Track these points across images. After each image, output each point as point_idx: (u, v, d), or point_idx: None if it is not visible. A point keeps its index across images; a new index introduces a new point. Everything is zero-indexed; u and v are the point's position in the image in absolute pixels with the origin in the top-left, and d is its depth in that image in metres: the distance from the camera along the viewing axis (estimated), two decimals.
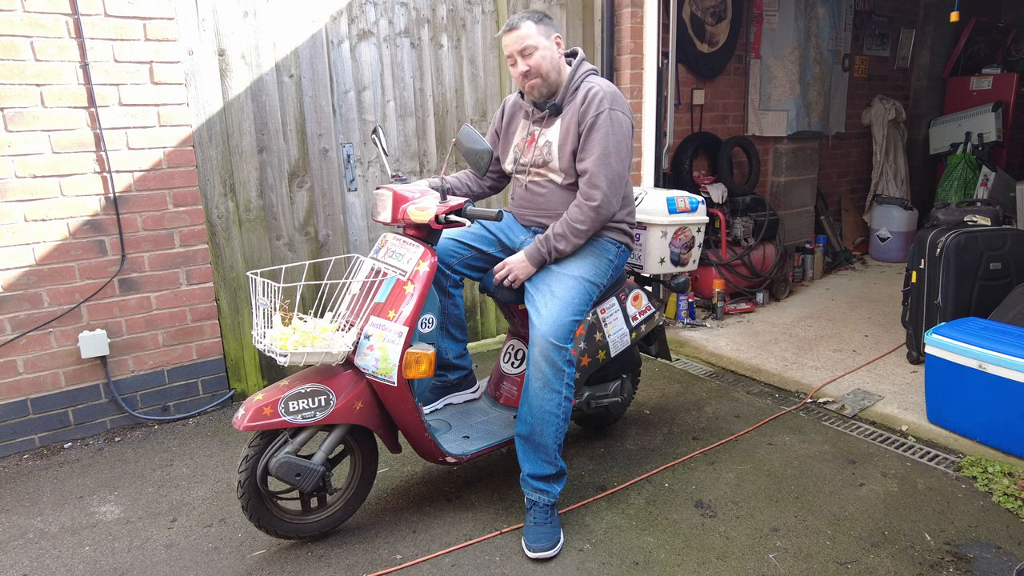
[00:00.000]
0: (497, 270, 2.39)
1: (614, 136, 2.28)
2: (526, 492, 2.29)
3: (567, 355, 2.24)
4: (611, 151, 2.27)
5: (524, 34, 2.29)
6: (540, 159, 2.42)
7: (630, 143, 2.36)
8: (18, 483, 2.74)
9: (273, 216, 3.42)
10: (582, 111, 2.31)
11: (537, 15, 2.33)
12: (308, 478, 2.10)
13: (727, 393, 3.46)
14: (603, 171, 2.27)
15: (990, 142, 6.02)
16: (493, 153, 2.23)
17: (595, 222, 2.30)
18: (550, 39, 2.33)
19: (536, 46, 2.29)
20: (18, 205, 2.82)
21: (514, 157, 2.53)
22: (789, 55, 5.15)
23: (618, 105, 2.30)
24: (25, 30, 2.73)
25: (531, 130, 2.47)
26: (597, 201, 2.27)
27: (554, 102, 2.38)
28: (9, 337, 2.88)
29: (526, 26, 2.30)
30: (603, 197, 2.27)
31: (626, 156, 2.34)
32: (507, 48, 2.34)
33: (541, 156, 2.42)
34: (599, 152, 2.27)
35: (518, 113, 2.56)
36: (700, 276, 4.74)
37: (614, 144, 2.28)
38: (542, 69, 2.31)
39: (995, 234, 3.50)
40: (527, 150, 2.47)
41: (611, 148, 2.27)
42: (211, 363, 3.33)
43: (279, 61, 3.30)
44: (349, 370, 2.16)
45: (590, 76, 2.39)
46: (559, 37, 2.36)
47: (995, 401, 2.73)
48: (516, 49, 2.31)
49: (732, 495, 2.53)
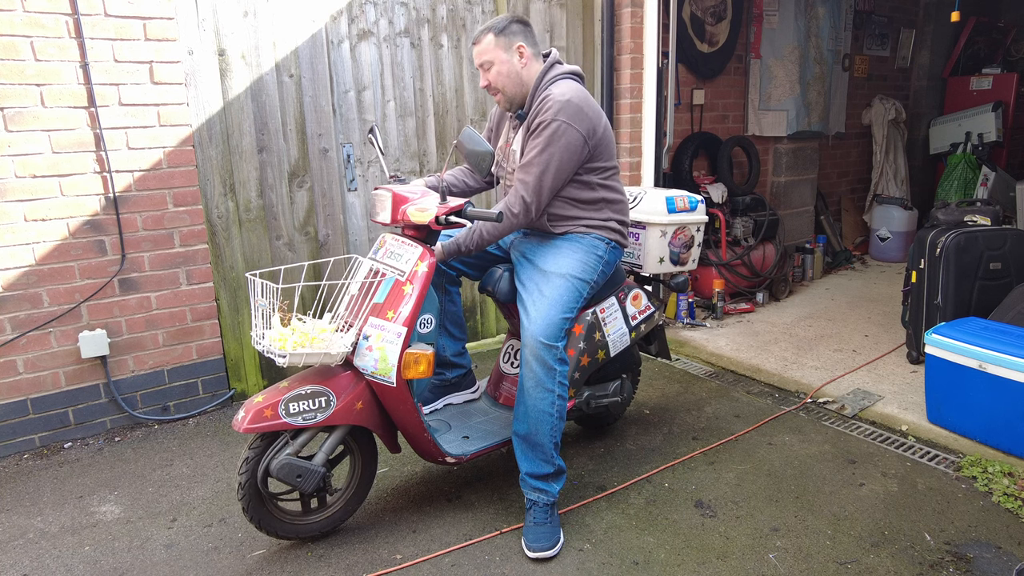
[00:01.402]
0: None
1: (553, 147, 2.20)
2: (525, 492, 2.29)
3: (558, 353, 2.23)
4: (544, 161, 2.21)
5: (482, 48, 2.29)
6: (511, 165, 2.43)
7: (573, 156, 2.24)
8: (18, 483, 2.74)
9: (273, 216, 3.42)
10: (531, 119, 2.28)
11: (500, 24, 2.28)
12: (309, 479, 2.10)
13: (727, 393, 3.46)
14: (530, 179, 2.23)
15: (990, 142, 6.02)
16: (495, 155, 2.22)
17: (509, 227, 2.28)
18: (510, 50, 2.29)
19: (492, 60, 2.28)
20: (18, 205, 2.83)
21: (497, 160, 2.54)
22: (789, 55, 5.15)
23: (568, 115, 2.19)
24: (25, 30, 2.73)
25: (509, 135, 2.48)
26: (517, 207, 2.24)
27: (522, 111, 2.37)
28: (9, 337, 2.88)
29: (485, 40, 2.28)
30: (521, 203, 2.24)
31: (562, 169, 2.23)
32: (474, 58, 2.36)
33: (512, 161, 2.42)
34: (532, 157, 2.22)
35: (505, 115, 2.56)
36: (700, 276, 4.74)
37: (550, 155, 2.20)
38: (499, 84, 2.31)
39: (995, 234, 3.50)
40: (507, 153, 2.48)
41: (545, 158, 2.21)
42: (211, 363, 3.34)
43: (279, 61, 3.30)
44: (348, 371, 2.16)
45: (557, 82, 2.30)
46: (523, 47, 2.29)
47: (995, 401, 2.73)
48: (478, 62, 2.32)
49: (732, 495, 2.53)
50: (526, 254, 2.41)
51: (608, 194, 2.42)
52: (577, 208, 2.38)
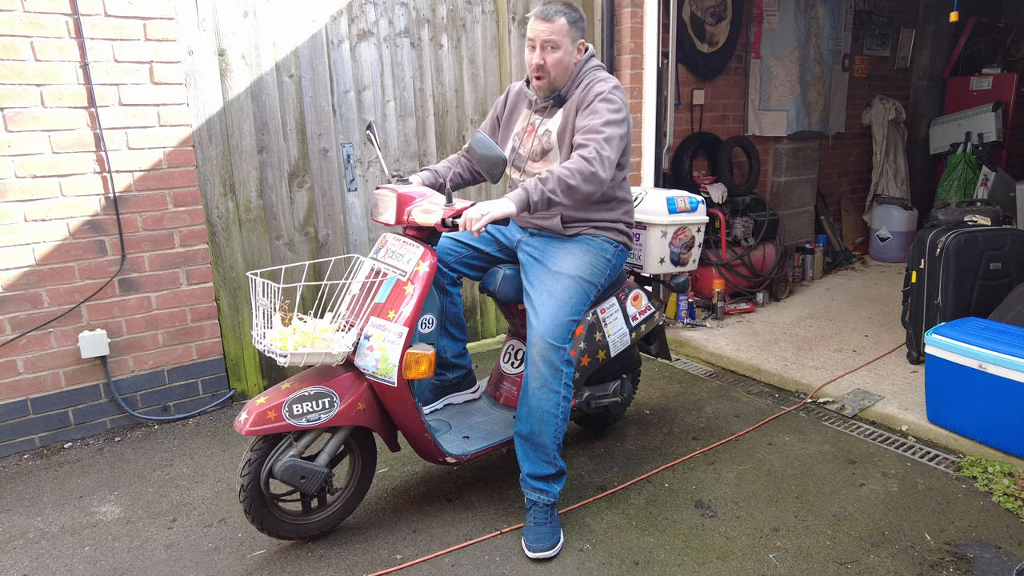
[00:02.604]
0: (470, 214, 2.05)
1: (613, 117, 2.22)
2: (526, 492, 2.29)
3: (565, 355, 2.24)
4: (609, 126, 2.20)
5: (556, 27, 2.25)
6: (539, 148, 2.41)
7: (624, 135, 2.27)
8: (18, 483, 2.74)
9: (273, 216, 3.42)
10: (582, 97, 2.30)
11: (575, 14, 2.29)
12: (313, 480, 2.10)
13: (727, 393, 3.46)
14: (600, 137, 2.17)
15: (990, 142, 6.01)
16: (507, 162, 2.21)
17: (585, 178, 2.11)
18: (576, 42, 2.32)
19: (559, 44, 2.27)
20: (18, 205, 2.82)
21: (512, 146, 2.52)
22: (789, 55, 5.15)
23: (619, 97, 2.29)
24: (25, 30, 2.72)
25: (532, 120, 2.46)
26: (593, 166, 2.11)
27: (559, 93, 2.38)
28: (9, 337, 2.88)
29: (560, 21, 2.25)
30: (597, 156, 2.13)
31: (619, 144, 2.22)
32: (533, 32, 2.28)
33: (540, 145, 2.40)
34: (599, 121, 2.19)
35: (521, 102, 2.54)
36: (700, 276, 4.74)
37: (612, 125, 2.21)
38: (553, 68, 2.30)
39: (995, 234, 3.50)
40: (526, 139, 2.46)
41: (610, 124, 2.20)
42: (211, 363, 3.33)
43: (279, 61, 3.30)
44: (350, 371, 2.16)
45: (597, 70, 2.38)
46: (583, 43, 2.35)
47: (995, 401, 2.73)
48: (541, 39, 2.26)
49: (732, 495, 2.53)
50: (535, 254, 2.41)
51: (621, 193, 2.45)
52: (591, 208, 2.39)
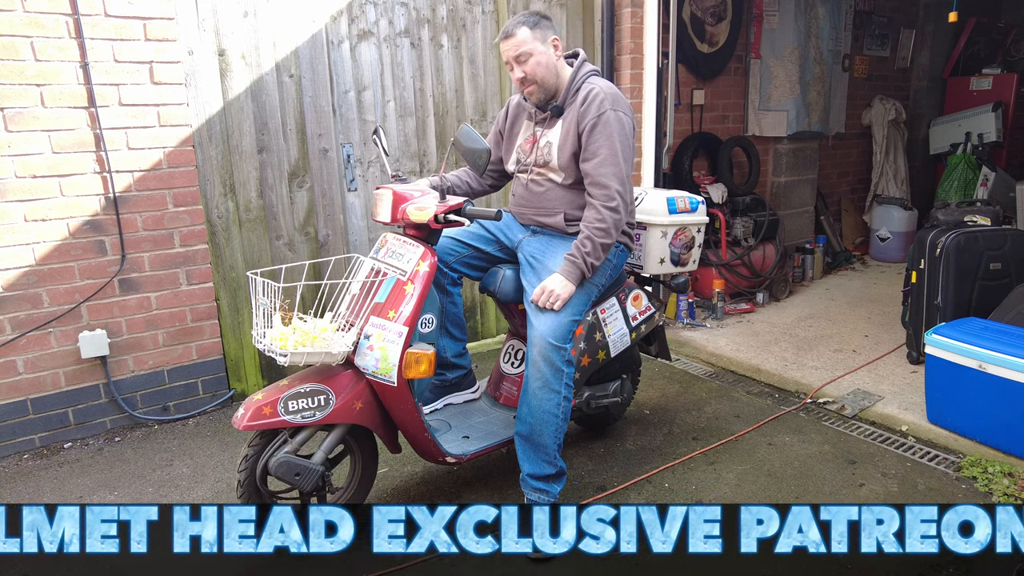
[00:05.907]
0: (536, 297, 2.26)
1: (619, 136, 2.27)
2: (526, 492, 2.29)
3: (566, 355, 2.24)
4: (617, 150, 2.26)
5: (519, 40, 2.28)
6: (541, 159, 2.42)
7: (632, 143, 2.35)
8: (18, 483, 2.74)
9: (273, 216, 3.42)
10: (582, 111, 2.30)
11: (533, 18, 2.31)
12: (307, 478, 2.10)
13: (727, 393, 3.46)
14: (612, 171, 2.26)
15: (990, 142, 6.01)
16: (491, 152, 2.23)
17: (615, 222, 2.27)
18: (546, 43, 2.31)
19: (531, 52, 2.28)
20: (18, 205, 2.82)
21: (517, 157, 2.53)
22: (789, 55, 5.15)
23: (619, 106, 2.30)
24: (25, 30, 2.72)
25: (534, 131, 2.47)
26: (615, 200, 2.25)
27: (555, 104, 2.38)
28: (9, 337, 2.88)
29: (521, 32, 2.28)
30: (618, 196, 2.26)
31: (630, 156, 2.33)
32: (504, 54, 2.33)
33: (542, 156, 2.42)
34: (606, 153, 2.26)
35: (521, 114, 2.56)
36: (700, 276, 4.74)
37: (620, 144, 2.27)
38: (537, 75, 2.30)
39: (995, 234, 3.50)
40: (530, 151, 2.47)
41: (617, 147, 2.26)
42: (211, 363, 3.33)
43: (279, 61, 3.30)
44: (349, 370, 2.16)
45: (591, 77, 2.38)
46: (556, 40, 2.35)
47: (995, 401, 2.72)
48: (512, 56, 2.30)
49: (732, 495, 2.53)
50: (536, 255, 2.42)
51: None
52: None
